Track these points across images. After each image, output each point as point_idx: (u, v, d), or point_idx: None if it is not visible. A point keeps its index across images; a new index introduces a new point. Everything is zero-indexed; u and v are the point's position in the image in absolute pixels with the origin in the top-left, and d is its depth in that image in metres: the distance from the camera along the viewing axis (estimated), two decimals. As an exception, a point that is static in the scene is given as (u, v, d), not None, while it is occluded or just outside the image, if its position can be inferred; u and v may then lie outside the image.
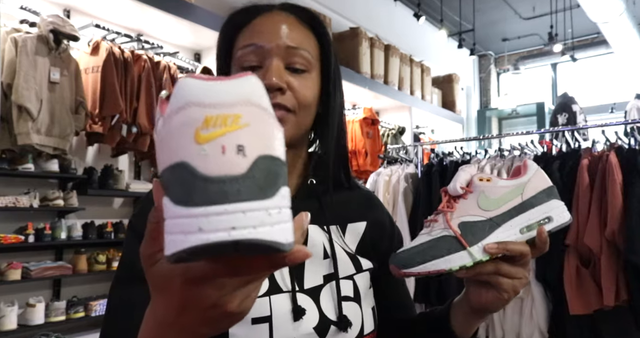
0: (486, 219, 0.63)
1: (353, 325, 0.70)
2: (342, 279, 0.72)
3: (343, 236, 0.77)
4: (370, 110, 4.75)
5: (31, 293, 2.68)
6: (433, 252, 0.62)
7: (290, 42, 0.70)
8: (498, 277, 0.64)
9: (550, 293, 2.43)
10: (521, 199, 0.64)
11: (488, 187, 0.65)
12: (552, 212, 0.65)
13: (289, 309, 0.66)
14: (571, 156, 2.46)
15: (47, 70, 2.61)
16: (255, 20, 0.72)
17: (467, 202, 0.65)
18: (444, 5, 5.97)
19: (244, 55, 0.70)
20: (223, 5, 3.92)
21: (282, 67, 0.69)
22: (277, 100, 0.67)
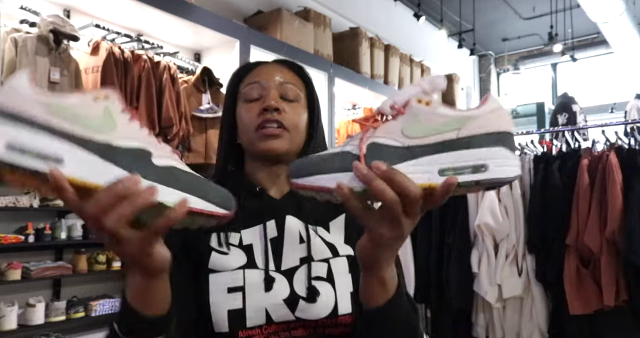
0: (402, 146, 0.52)
1: (324, 302, 0.76)
2: (317, 261, 0.80)
3: (328, 233, 0.85)
4: (370, 110, 4.75)
5: (31, 293, 2.68)
6: (325, 166, 0.53)
7: (284, 79, 0.89)
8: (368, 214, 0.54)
9: (550, 293, 2.43)
10: (456, 135, 0.52)
11: (424, 111, 0.53)
12: (492, 161, 0.51)
13: (262, 280, 0.77)
14: (571, 156, 2.46)
15: (47, 70, 2.61)
16: (257, 68, 0.92)
17: (393, 124, 0.54)
18: (444, 5, 5.97)
19: (248, 91, 0.89)
20: (223, 5, 3.92)
21: (278, 96, 0.87)
22: (274, 117, 0.84)
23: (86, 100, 0.48)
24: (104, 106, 0.49)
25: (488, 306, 2.56)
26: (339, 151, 0.54)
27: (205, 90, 3.35)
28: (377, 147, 0.52)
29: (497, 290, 2.50)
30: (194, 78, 3.37)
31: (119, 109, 0.51)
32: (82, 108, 0.48)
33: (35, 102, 0.45)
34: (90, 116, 0.48)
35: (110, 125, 0.49)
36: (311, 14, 4.19)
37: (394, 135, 0.53)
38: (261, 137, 0.84)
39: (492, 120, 0.52)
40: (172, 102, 3.05)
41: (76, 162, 0.46)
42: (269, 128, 0.84)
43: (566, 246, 2.32)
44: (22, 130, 0.44)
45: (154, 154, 0.51)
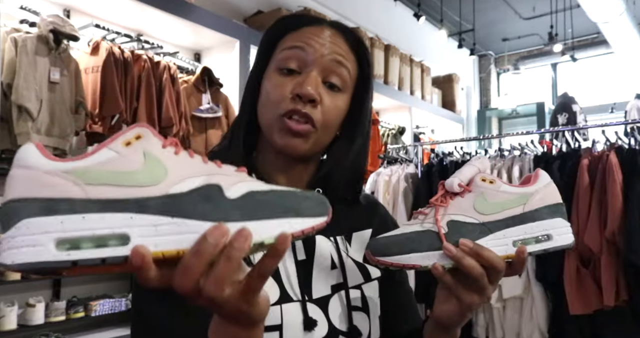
0: (478, 223, 0.58)
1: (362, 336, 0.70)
2: (351, 288, 0.72)
3: (349, 246, 0.77)
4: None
5: (31, 293, 2.68)
6: (412, 245, 0.57)
7: (335, 56, 0.70)
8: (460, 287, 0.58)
9: (550, 293, 2.43)
10: (522, 210, 0.59)
11: (489, 189, 0.60)
12: (554, 230, 0.59)
13: (300, 319, 0.66)
14: (571, 156, 2.46)
15: (47, 70, 2.61)
16: (306, 28, 0.72)
17: (462, 201, 0.60)
18: (444, 5, 5.97)
19: (286, 57, 0.70)
20: (223, 5, 3.92)
21: (320, 80, 0.69)
22: (306, 110, 0.67)
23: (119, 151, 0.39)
24: (141, 150, 0.40)
25: (488, 306, 2.56)
26: (420, 230, 0.58)
27: (205, 90, 3.36)
28: (457, 225, 0.58)
29: (497, 290, 2.50)
30: (194, 78, 3.37)
31: (158, 146, 0.41)
32: (118, 163, 0.39)
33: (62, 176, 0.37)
34: (132, 170, 0.39)
35: (159, 172, 0.40)
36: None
37: (468, 212, 0.58)
38: (283, 129, 0.68)
39: (548, 194, 0.60)
40: (172, 102, 3.05)
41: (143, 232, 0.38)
42: (295, 121, 0.67)
43: (566, 246, 2.32)
44: (65, 218, 0.36)
45: (224, 185, 0.42)
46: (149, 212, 0.38)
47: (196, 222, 0.39)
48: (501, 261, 0.56)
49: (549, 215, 0.59)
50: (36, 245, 0.34)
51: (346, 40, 0.73)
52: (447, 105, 6.30)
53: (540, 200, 0.60)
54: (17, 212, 0.35)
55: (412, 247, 0.58)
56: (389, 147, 3.47)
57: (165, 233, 0.38)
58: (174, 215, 0.39)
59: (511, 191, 0.60)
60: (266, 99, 0.70)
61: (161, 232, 0.38)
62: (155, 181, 0.39)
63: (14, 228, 0.35)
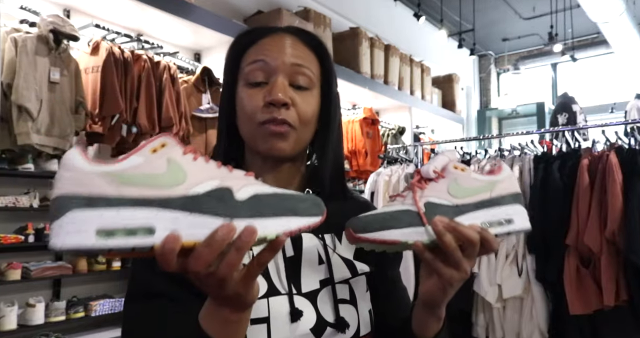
0: (452, 205, 0.63)
1: (350, 327, 0.72)
2: (338, 283, 0.75)
3: (339, 243, 0.79)
4: (370, 110, 4.75)
5: (31, 293, 2.68)
6: (392, 222, 0.61)
7: (295, 60, 0.74)
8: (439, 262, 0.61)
9: (550, 293, 2.43)
10: (489, 195, 0.65)
11: (461, 176, 0.65)
12: (515, 216, 0.66)
13: (287, 311, 0.69)
14: (571, 156, 2.46)
15: (47, 70, 2.61)
16: (262, 40, 0.76)
17: (437, 185, 0.65)
18: (444, 5, 5.97)
19: (251, 71, 0.74)
20: (223, 5, 3.92)
21: (287, 84, 0.73)
22: (282, 115, 0.72)
23: (146, 157, 0.47)
24: (165, 157, 0.48)
25: (488, 306, 2.56)
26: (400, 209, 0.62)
27: (205, 90, 3.36)
28: (433, 206, 0.62)
29: (497, 290, 2.50)
30: (194, 78, 3.37)
31: (180, 153, 0.49)
32: (146, 167, 0.46)
33: (100, 177, 0.44)
34: (158, 173, 0.47)
35: (180, 175, 0.48)
36: (311, 14, 4.19)
37: (442, 195, 0.64)
38: (265, 135, 0.72)
39: (511, 183, 0.67)
40: (172, 102, 3.05)
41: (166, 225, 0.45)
42: (273, 126, 0.72)
43: (566, 246, 2.32)
44: (102, 212, 0.43)
45: (234, 188, 0.50)
46: (171, 209, 0.46)
47: (209, 218, 0.47)
48: (476, 235, 0.60)
49: (511, 201, 0.66)
50: (80, 232, 0.42)
51: (303, 41, 0.77)
52: (447, 105, 6.30)
53: (504, 189, 0.66)
54: (65, 205, 0.43)
55: (392, 223, 0.61)
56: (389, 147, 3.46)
57: (185, 226, 0.46)
58: (191, 212, 0.47)
59: (480, 178, 0.66)
60: (242, 112, 0.75)
61: (181, 225, 0.46)
62: (176, 183, 0.47)
63: (62, 217, 0.42)
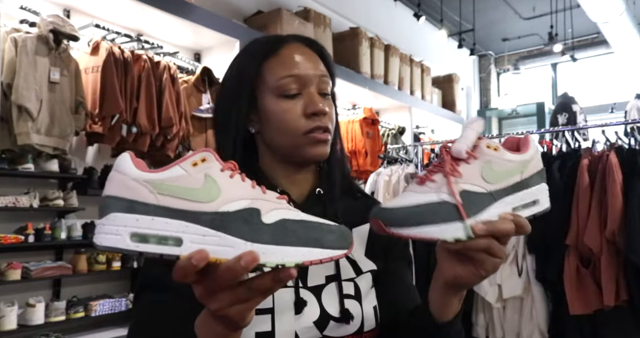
0: (487, 192, 0.60)
1: (353, 320, 0.74)
2: (343, 281, 0.77)
3: None
4: (370, 110, 4.75)
5: (31, 293, 2.68)
6: (428, 217, 0.58)
7: (320, 72, 0.81)
8: (484, 254, 0.60)
9: (550, 293, 2.43)
10: (520, 177, 0.62)
11: (495, 157, 0.61)
12: (540, 195, 0.63)
13: (292, 303, 0.71)
14: (571, 156, 2.46)
15: (47, 70, 2.61)
16: (283, 51, 0.81)
17: (470, 169, 0.61)
18: (444, 5, 5.97)
19: (286, 85, 0.78)
20: (223, 6, 3.92)
21: (317, 94, 0.79)
22: (326, 123, 0.78)
23: (187, 170, 0.50)
24: (204, 172, 0.50)
25: (488, 306, 2.56)
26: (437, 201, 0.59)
27: (205, 90, 3.36)
28: (468, 195, 0.59)
29: (497, 290, 2.50)
30: (194, 78, 3.37)
31: (218, 169, 0.51)
32: (185, 180, 0.49)
33: (143, 183, 0.48)
34: (195, 187, 0.49)
35: (215, 191, 0.50)
36: (311, 14, 4.19)
37: (476, 180, 0.60)
38: (312, 143, 0.78)
39: (538, 160, 0.64)
40: (172, 102, 3.05)
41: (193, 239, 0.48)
42: (319, 134, 0.78)
43: (566, 246, 2.32)
44: (140, 217, 0.47)
45: (262, 210, 0.51)
46: (200, 224, 0.48)
47: (233, 239, 0.49)
48: (511, 226, 0.59)
49: (538, 181, 0.63)
50: (117, 234, 0.46)
51: (315, 51, 0.83)
52: (447, 105, 6.30)
53: (533, 167, 0.63)
54: (110, 206, 0.47)
55: (428, 219, 0.58)
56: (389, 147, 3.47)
57: (210, 243, 0.48)
58: (218, 230, 0.49)
59: (514, 159, 0.62)
60: (279, 122, 0.78)
61: (206, 241, 0.48)
62: (210, 199, 0.49)
63: (105, 218, 0.47)
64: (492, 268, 0.62)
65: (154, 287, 0.71)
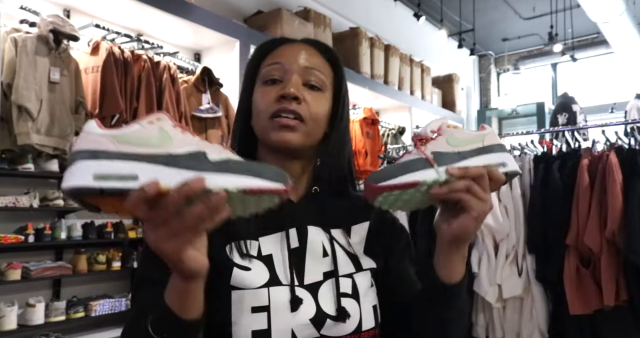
0: (455, 152, 0.70)
1: (351, 319, 0.74)
2: (341, 277, 0.77)
3: (349, 238, 0.82)
4: (370, 110, 4.75)
5: (31, 293, 2.68)
6: (408, 168, 0.67)
7: (308, 64, 0.82)
8: (468, 195, 0.66)
9: (550, 293, 2.43)
10: (482, 144, 0.73)
11: (455, 131, 0.73)
12: (507, 160, 0.73)
13: (288, 301, 0.72)
14: (571, 156, 2.46)
15: (47, 70, 2.61)
16: (281, 47, 0.85)
17: (437, 141, 0.72)
18: (444, 5, 5.97)
19: (268, 71, 0.82)
20: (223, 5, 3.92)
21: (300, 83, 0.80)
22: (292, 107, 0.78)
23: (143, 126, 0.58)
24: (158, 126, 0.58)
25: (488, 306, 2.56)
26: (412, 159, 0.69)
27: (205, 90, 3.36)
28: (438, 154, 0.69)
29: (497, 290, 2.50)
30: (194, 78, 3.37)
31: (170, 125, 0.59)
32: (142, 132, 0.57)
33: (106, 138, 0.55)
34: (150, 137, 0.57)
35: (167, 140, 0.58)
36: (311, 14, 4.19)
37: (443, 146, 0.71)
38: (275, 127, 0.78)
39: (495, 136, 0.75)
40: (172, 102, 3.05)
41: (148, 175, 0.54)
42: (284, 118, 0.77)
43: (566, 246, 2.32)
44: (101, 161, 0.54)
45: (208, 153, 0.58)
46: (154, 163, 0.55)
47: (183, 171, 0.55)
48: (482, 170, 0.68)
49: (499, 150, 0.74)
50: (82, 175, 0.52)
51: (319, 51, 0.85)
52: (447, 105, 6.30)
53: (492, 140, 0.74)
54: (76, 156, 0.54)
55: (408, 169, 0.67)
56: (389, 147, 3.47)
57: (162, 177, 0.54)
58: (169, 166, 0.55)
59: (471, 132, 0.74)
60: (256, 107, 0.82)
61: (159, 176, 0.54)
62: (162, 145, 0.57)
63: (72, 166, 0.54)
64: (480, 209, 0.67)
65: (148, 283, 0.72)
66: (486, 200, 0.68)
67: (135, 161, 0.55)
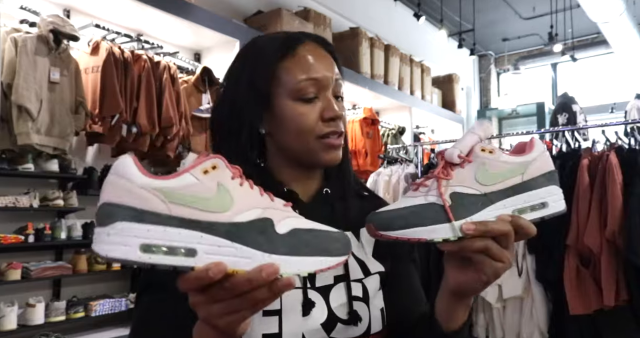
0: (481, 194, 0.59)
1: (362, 321, 0.73)
2: (352, 281, 0.76)
3: (357, 241, 0.81)
4: (370, 110, 4.75)
5: (31, 293, 2.68)
6: (417, 219, 0.58)
7: (335, 75, 0.80)
8: (483, 256, 0.59)
9: (550, 293, 2.43)
10: (521, 179, 0.60)
11: (489, 159, 0.60)
12: (549, 197, 0.61)
13: (300, 304, 0.71)
14: (571, 156, 2.46)
15: (47, 70, 2.61)
16: (299, 52, 0.78)
17: (463, 172, 0.60)
18: (444, 5, 5.97)
19: (304, 88, 0.76)
20: (223, 5, 3.92)
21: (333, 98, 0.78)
22: (340, 128, 0.78)
23: (199, 178, 0.48)
24: (216, 180, 0.49)
25: (488, 306, 2.56)
26: (425, 204, 0.59)
27: (205, 90, 3.36)
28: (460, 197, 0.58)
29: (497, 290, 2.50)
30: (194, 78, 3.37)
31: (229, 177, 0.50)
32: (197, 188, 0.47)
33: (153, 192, 0.45)
34: (207, 196, 0.47)
35: (227, 201, 0.49)
36: (311, 14, 4.19)
37: (469, 183, 0.59)
38: (325, 148, 0.77)
39: (544, 162, 0.62)
40: (172, 102, 3.05)
41: (208, 250, 0.46)
42: (334, 139, 0.77)
43: (566, 246, 2.32)
44: (151, 227, 0.44)
45: (275, 220, 0.51)
46: (215, 234, 0.47)
47: (250, 250, 0.48)
48: (507, 227, 0.58)
49: (544, 183, 0.61)
50: (127, 245, 0.43)
51: (328, 52, 0.82)
52: (447, 105, 6.30)
53: (537, 169, 0.61)
54: (114, 214, 0.44)
55: (416, 221, 0.58)
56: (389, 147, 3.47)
57: (226, 254, 0.47)
58: (233, 240, 0.47)
59: (511, 161, 0.61)
60: (294, 126, 0.77)
61: (222, 252, 0.47)
62: (223, 209, 0.48)
63: (110, 227, 0.43)
64: (493, 273, 0.60)
65: (155, 287, 0.71)
66: (505, 261, 0.60)
67: (192, 230, 0.46)
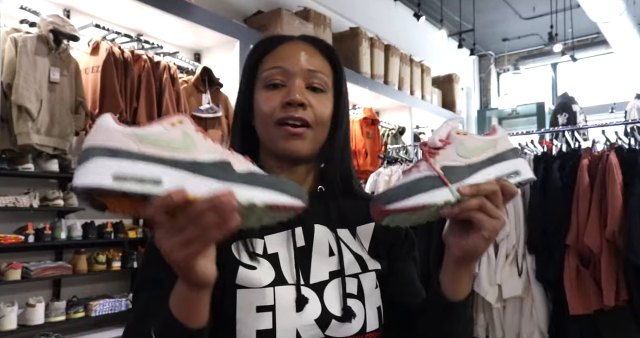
0: (465, 165, 0.67)
1: (356, 320, 0.74)
2: (347, 277, 0.76)
3: (353, 239, 0.81)
4: (370, 110, 4.75)
5: (31, 293, 2.68)
6: (417, 188, 0.64)
7: (311, 66, 0.80)
8: (481, 214, 0.64)
9: (550, 293, 2.43)
10: (494, 152, 0.69)
11: (465, 138, 0.69)
12: (520, 167, 0.70)
13: (293, 301, 0.72)
14: (571, 156, 2.46)
15: (47, 70, 2.61)
16: (280, 47, 0.82)
17: (446, 152, 0.68)
18: (444, 5, 5.97)
19: (270, 75, 0.79)
20: (223, 5, 3.92)
21: (304, 86, 0.78)
22: (299, 114, 0.76)
23: (167, 128, 0.56)
24: (181, 130, 0.56)
25: (488, 306, 2.56)
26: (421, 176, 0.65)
27: (205, 90, 3.36)
28: (449, 168, 0.66)
29: (497, 290, 2.50)
30: (194, 78, 3.37)
31: (193, 129, 0.57)
32: (165, 134, 0.55)
33: (128, 136, 0.52)
34: (173, 140, 0.55)
35: (191, 145, 0.56)
36: (311, 14, 4.19)
37: (453, 158, 0.67)
38: (283, 135, 0.77)
39: (506, 141, 0.72)
40: (172, 102, 3.05)
41: (172, 181, 0.52)
42: (291, 126, 0.76)
43: (566, 246, 2.32)
44: (122, 162, 0.51)
45: (233, 163, 0.57)
46: (179, 168, 0.53)
47: (210, 180, 0.54)
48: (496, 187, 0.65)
49: (513, 155, 0.70)
50: (99, 174, 0.49)
51: (318, 49, 0.83)
52: (447, 105, 6.30)
53: (504, 145, 0.70)
54: (92, 153, 0.50)
55: (417, 190, 0.63)
56: (389, 147, 3.47)
57: (187, 184, 0.52)
58: (195, 173, 0.53)
59: (482, 138, 0.71)
60: (260, 113, 0.80)
61: (185, 183, 0.52)
62: (186, 150, 0.54)
63: (87, 162, 0.50)
64: (493, 229, 0.64)
65: (151, 284, 0.72)
66: (499, 217, 0.65)
67: (159, 164, 0.52)
